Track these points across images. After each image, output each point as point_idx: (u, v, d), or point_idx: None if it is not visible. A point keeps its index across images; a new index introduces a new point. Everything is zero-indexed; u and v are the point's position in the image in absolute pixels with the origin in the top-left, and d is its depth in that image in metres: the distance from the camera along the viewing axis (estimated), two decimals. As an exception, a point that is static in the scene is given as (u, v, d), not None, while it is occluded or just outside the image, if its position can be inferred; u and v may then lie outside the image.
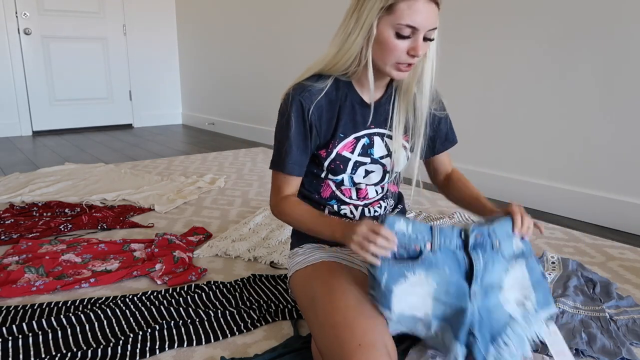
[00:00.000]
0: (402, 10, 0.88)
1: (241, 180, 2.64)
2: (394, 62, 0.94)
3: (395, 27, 0.90)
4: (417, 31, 0.90)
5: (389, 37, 0.91)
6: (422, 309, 0.87)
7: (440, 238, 0.87)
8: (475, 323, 0.83)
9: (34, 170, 2.87)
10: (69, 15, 4.40)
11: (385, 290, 0.86)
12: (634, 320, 1.14)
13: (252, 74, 3.94)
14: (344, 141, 1.03)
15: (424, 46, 0.92)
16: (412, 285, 0.86)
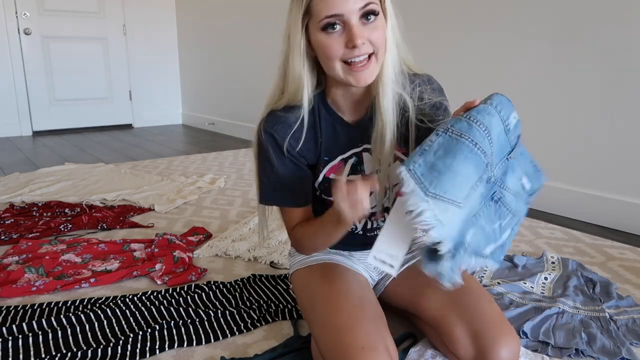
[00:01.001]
0: (316, 5, 0.81)
1: (241, 180, 2.64)
2: (341, 65, 0.83)
3: (319, 26, 0.81)
4: (344, 17, 0.80)
5: (320, 39, 0.82)
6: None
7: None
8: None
9: (34, 170, 2.87)
10: (69, 15, 4.40)
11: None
12: (634, 320, 1.14)
13: (253, 74, 3.94)
14: (330, 164, 0.96)
15: (363, 32, 0.81)
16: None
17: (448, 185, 0.78)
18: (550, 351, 1.03)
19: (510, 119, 0.84)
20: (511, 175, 0.87)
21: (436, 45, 2.43)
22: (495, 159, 0.84)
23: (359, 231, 1.04)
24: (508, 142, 0.85)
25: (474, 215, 0.83)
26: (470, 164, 0.79)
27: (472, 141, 0.78)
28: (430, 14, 2.44)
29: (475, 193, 0.81)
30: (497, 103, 0.83)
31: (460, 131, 0.79)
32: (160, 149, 3.67)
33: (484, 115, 0.80)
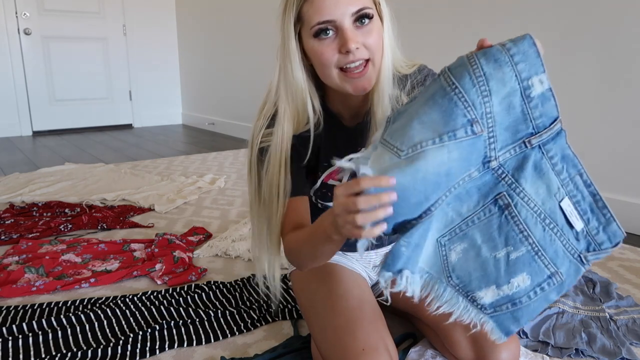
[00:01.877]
0: (307, 12, 0.77)
1: (241, 180, 2.64)
2: (337, 72, 0.80)
3: (312, 32, 0.78)
4: (336, 22, 0.76)
5: (313, 46, 0.79)
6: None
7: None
8: None
9: (34, 170, 2.87)
10: (69, 15, 4.40)
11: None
12: (634, 320, 1.14)
13: (253, 74, 3.94)
14: (329, 170, 0.94)
15: (357, 37, 0.77)
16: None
17: (398, 128, 0.60)
18: (550, 351, 1.03)
19: (533, 80, 0.60)
20: (534, 175, 0.63)
21: (434, 43, 2.43)
22: (498, 133, 0.61)
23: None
24: (527, 116, 0.62)
25: (464, 221, 0.63)
26: (435, 110, 0.59)
27: (451, 83, 0.59)
28: (428, 10, 2.44)
29: (448, 166, 0.59)
30: (516, 51, 0.60)
31: (448, 71, 0.61)
32: (160, 149, 3.67)
33: (487, 60, 0.59)
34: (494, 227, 0.62)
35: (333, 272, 0.99)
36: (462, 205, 0.63)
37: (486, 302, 0.63)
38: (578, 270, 0.64)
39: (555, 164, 0.63)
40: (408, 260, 0.61)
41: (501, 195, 0.62)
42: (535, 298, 0.63)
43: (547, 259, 0.63)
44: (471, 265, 0.63)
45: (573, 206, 0.63)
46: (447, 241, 0.64)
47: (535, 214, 0.62)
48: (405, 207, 0.59)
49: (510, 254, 0.62)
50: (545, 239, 0.62)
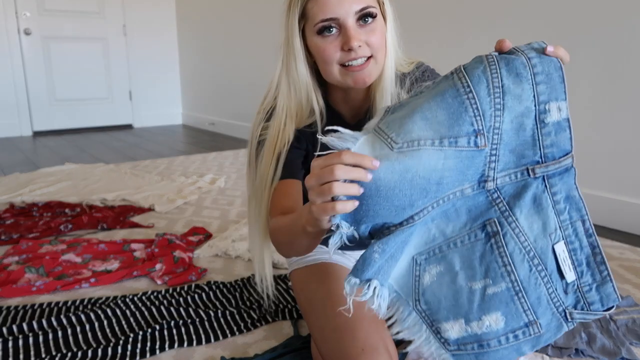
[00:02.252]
0: (311, 9, 0.79)
1: (241, 180, 2.64)
2: (339, 68, 0.81)
3: (315, 29, 0.79)
4: (340, 20, 0.78)
5: (316, 43, 0.80)
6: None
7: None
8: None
9: (34, 170, 2.87)
10: (69, 15, 4.40)
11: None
12: (634, 320, 1.14)
13: (253, 74, 3.94)
14: None
15: (360, 35, 0.78)
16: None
17: (397, 119, 0.56)
18: (550, 351, 1.03)
19: (551, 105, 0.56)
20: (531, 208, 0.57)
21: (434, 44, 2.43)
22: (502, 153, 0.56)
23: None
24: (537, 142, 0.57)
25: (446, 241, 0.58)
26: (443, 109, 0.55)
27: (466, 84, 0.55)
28: (429, 12, 2.44)
29: (441, 174, 0.54)
30: (540, 70, 0.55)
31: (464, 70, 0.56)
32: (160, 149, 3.67)
33: (509, 71, 0.55)
34: (477, 255, 0.57)
35: (333, 272, 0.99)
36: (448, 224, 0.58)
37: (451, 337, 0.58)
38: (560, 327, 0.58)
39: (557, 201, 0.57)
40: (379, 270, 0.56)
41: (491, 222, 0.57)
42: (506, 345, 0.57)
43: (528, 304, 0.56)
44: (443, 291, 0.57)
45: (568, 253, 0.57)
46: (423, 260, 0.59)
47: (524, 250, 0.56)
48: (386, 209, 0.55)
49: (488, 288, 0.56)
50: (529, 281, 0.56)
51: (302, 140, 0.91)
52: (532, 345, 0.58)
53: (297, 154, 0.90)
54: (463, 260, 0.57)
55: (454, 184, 0.56)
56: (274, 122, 0.88)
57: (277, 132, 0.87)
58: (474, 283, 0.57)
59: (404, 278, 0.59)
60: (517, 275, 0.56)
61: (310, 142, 0.92)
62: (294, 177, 0.88)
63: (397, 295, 0.59)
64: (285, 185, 0.87)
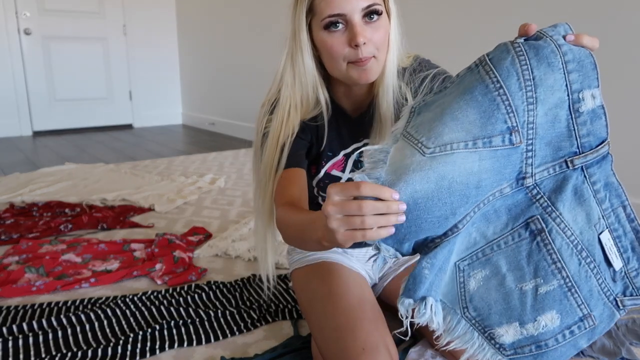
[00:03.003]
0: (319, 4, 0.81)
1: (241, 180, 2.64)
2: (345, 63, 0.83)
3: (322, 24, 0.81)
4: (347, 16, 0.80)
5: (323, 38, 0.82)
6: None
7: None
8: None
9: (34, 170, 2.87)
10: (69, 15, 4.40)
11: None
12: (634, 320, 1.14)
13: (253, 74, 3.94)
14: (333, 160, 0.96)
15: (366, 31, 0.80)
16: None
17: (425, 121, 0.53)
18: (550, 351, 1.03)
19: (584, 93, 0.54)
20: (573, 201, 0.55)
21: (436, 40, 2.43)
22: (538, 147, 0.54)
23: None
24: (573, 133, 0.55)
25: (489, 245, 0.56)
26: (473, 108, 0.52)
27: (495, 80, 0.52)
28: (432, 8, 2.44)
29: (479, 177, 0.52)
30: (571, 58, 0.53)
31: (490, 62, 0.53)
32: (160, 149, 3.67)
33: (539, 61, 0.52)
34: (523, 255, 0.55)
35: (333, 271, 0.99)
36: (489, 226, 0.56)
37: (506, 342, 0.56)
38: (612, 316, 0.57)
39: (597, 190, 0.56)
40: (431, 286, 0.54)
41: (534, 219, 0.55)
42: (564, 342, 0.55)
43: (581, 298, 0.55)
44: (492, 296, 0.55)
45: (613, 241, 0.56)
46: (466, 266, 0.57)
47: (572, 244, 0.54)
48: (428, 221, 0.52)
49: (540, 288, 0.54)
50: (580, 275, 0.55)
51: (307, 131, 0.92)
52: (588, 338, 0.57)
53: (301, 144, 0.92)
54: (509, 261, 0.55)
55: (493, 185, 0.54)
56: (278, 113, 0.90)
57: (280, 123, 0.89)
58: (524, 284, 0.55)
59: (447, 286, 0.57)
60: (568, 271, 0.54)
61: (314, 134, 0.93)
62: (299, 165, 0.89)
63: (443, 304, 0.57)
64: (290, 173, 0.88)
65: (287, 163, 0.89)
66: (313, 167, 0.98)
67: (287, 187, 0.86)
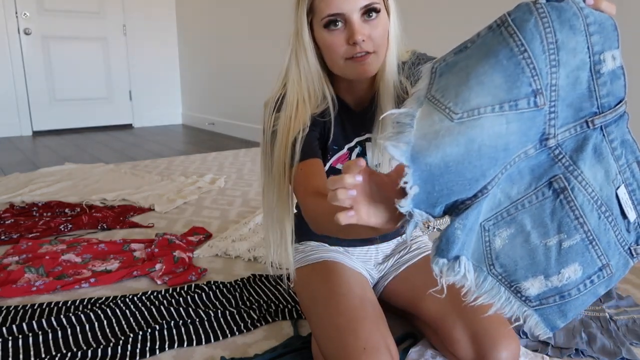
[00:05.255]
0: (318, 4, 0.83)
1: (241, 180, 2.64)
2: (344, 60, 0.85)
3: (322, 23, 0.84)
4: (346, 16, 0.82)
5: (323, 37, 0.85)
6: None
7: None
8: None
9: (34, 170, 2.87)
10: (69, 15, 4.40)
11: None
12: (634, 320, 1.14)
13: (253, 74, 3.94)
14: (338, 154, 0.99)
15: (364, 29, 0.82)
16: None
17: (450, 85, 0.54)
18: (550, 351, 1.03)
19: (605, 55, 0.55)
20: (593, 159, 0.57)
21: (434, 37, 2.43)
22: (560, 109, 0.55)
23: None
24: (594, 93, 0.56)
25: (513, 204, 0.57)
26: (499, 72, 0.52)
27: (520, 44, 0.52)
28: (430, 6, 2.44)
29: (507, 139, 0.53)
30: (593, 20, 0.54)
31: (513, 24, 0.53)
32: (160, 149, 3.67)
33: (562, 24, 0.53)
34: (547, 212, 0.57)
35: (334, 270, 0.99)
36: (513, 186, 0.57)
37: (532, 294, 0.58)
38: (627, 264, 0.60)
39: (614, 148, 0.58)
40: (463, 246, 0.56)
41: (557, 178, 0.56)
42: (585, 291, 0.59)
43: (601, 250, 0.58)
44: (518, 253, 0.57)
45: (628, 195, 0.59)
46: (491, 225, 0.58)
47: (592, 200, 0.57)
48: (459, 184, 0.53)
49: (563, 242, 0.57)
50: (599, 228, 0.57)
51: (317, 124, 0.94)
52: (605, 286, 0.60)
53: (313, 136, 0.93)
54: (533, 219, 0.57)
55: (518, 147, 0.55)
56: (286, 109, 0.91)
57: (289, 119, 0.90)
58: (549, 239, 0.57)
59: (474, 245, 0.58)
60: (590, 226, 0.57)
61: (322, 128, 0.95)
62: (316, 156, 0.91)
63: (469, 262, 0.59)
64: (309, 165, 0.88)
65: (304, 155, 0.89)
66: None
67: (310, 178, 0.86)
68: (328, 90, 0.93)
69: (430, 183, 0.53)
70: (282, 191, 0.93)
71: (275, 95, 0.95)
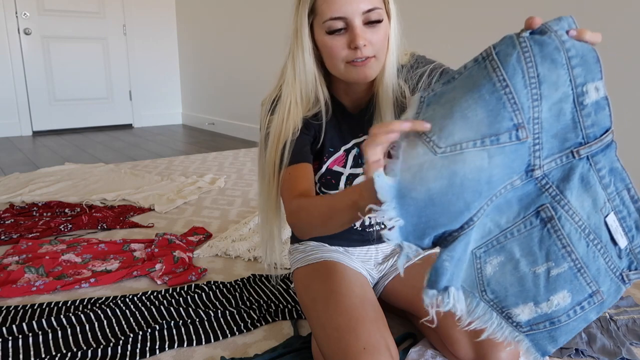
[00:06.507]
0: (321, 6, 0.82)
1: (241, 180, 2.64)
2: (345, 63, 0.85)
3: (324, 26, 0.83)
4: (348, 20, 0.81)
5: (324, 40, 0.84)
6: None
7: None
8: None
9: (34, 170, 2.87)
10: (69, 15, 4.40)
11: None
12: (634, 320, 1.14)
13: (253, 74, 3.94)
14: (334, 155, 0.99)
15: (365, 34, 0.82)
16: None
17: (436, 117, 0.56)
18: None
19: (588, 87, 0.56)
20: (580, 188, 0.58)
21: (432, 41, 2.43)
22: (544, 140, 0.57)
23: (358, 227, 1.05)
24: (578, 124, 0.57)
25: (503, 233, 0.59)
26: (481, 107, 0.54)
27: (501, 78, 0.54)
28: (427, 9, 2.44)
29: (489, 172, 0.54)
30: (574, 54, 0.55)
31: (497, 57, 0.55)
32: (160, 149, 3.67)
33: (543, 58, 0.54)
34: (535, 241, 0.59)
35: (335, 270, 0.99)
36: (502, 216, 0.59)
37: (522, 320, 0.60)
38: (619, 290, 0.61)
39: (602, 176, 0.59)
40: (452, 277, 0.58)
41: (544, 208, 0.58)
42: (575, 317, 0.60)
43: (590, 277, 0.59)
44: (508, 279, 0.59)
45: (618, 222, 0.60)
46: (482, 253, 0.61)
47: (580, 228, 0.58)
48: (445, 216, 0.56)
49: (551, 270, 0.58)
50: (588, 256, 0.59)
51: (310, 127, 0.94)
52: (597, 311, 0.61)
53: (305, 139, 0.93)
54: (522, 247, 0.59)
55: (504, 179, 0.57)
56: (279, 111, 0.92)
57: (281, 122, 0.91)
58: (537, 267, 0.58)
59: (466, 272, 0.60)
60: (577, 254, 0.58)
61: (316, 130, 0.96)
62: (305, 161, 0.92)
63: (462, 289, 0.61)
64: (298, 169, 0.90)
65: (294, 159, 0.90)
66: (315, 163, 1.00)
67: (296, 183, 0.88)
68: (322, 92, 0.93)
69: (416, 216, 0.55)
70: (271, 193, 0.94)
71: (271, 95, 0.95)
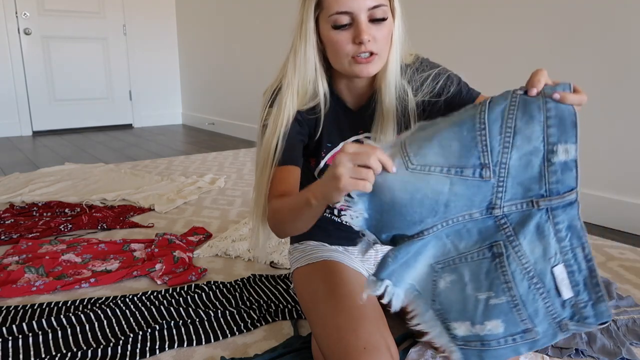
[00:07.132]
0: (327, 0, 0.84)
1: (241, 180, 2.64)
2: (348, 58, 0.85)
3: (329, 20, 0.84)
4: (354, 15, 0.83)
5: (329, 34, 0.85)
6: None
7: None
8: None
9: (34, 170, 2.87)
10: (69, 15, 4.40)
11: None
12: (634, 320, 1.14)
13: (253, 74, 3.94)
14: (333, 151, 0.98)
15: (370, 30, 0.83)
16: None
17: (419, 138, 0.64)
18: (550, 351, 1.03)
19: (559, 147, 0.61)
20: (534, 235, 0.63)
21: (433, 42, 2.43)
22: (509, 185, 0.63)
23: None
24: (543, 178, 0.63)
25: (459, 256, 0.66)
26: (457, 140, 0.62)
27: (483, 121, 0.62)
28: (429, 9, 2.44)
29: (448, 197, 0.62)
30: (554, 114, 0.61)
31: (488, 105, 0.62)
32: (160, 149, 3.67)
33: (524, 113, 0.61)
34: (483, 270, 0.64)
35: (335, 270, 0.99)
36: (461, 241, 0.66)
37: (458, 334, 0.66)
38: (555, 335, 0.65)
39: (559, 230, 0.63)
40: (392, 273, 0.65)
41: (497, 244, 0.64)
42: (505, 345, 0.65)
43: (525, 314, 0.64)
44: (454, 297, 0.65)
45: (566, 275, 0.64)
46: (440, 268, 0.67)
47: (525, 270, 0.63)
48: (400, 222, 0.65)
49: (491, 299, 0.64)
50: (528, 296, 0.63)
51: (304, 125, 0.94)
52: (528, 347, 0.65)
53: (297, 140, 0.93)
54: (472, 273, 0.65)
55: (463, 208, 0.64)
56: (276, 104, 0.92)
57: (279, 114, 0.91)
58: (480, 294, 0.64)
59: (424, 281, 0.68)
60: (517, 291, 0.63)
61: (312, 127, 0.96)
62: (293, 163, 0.92)
63: (418, 294, 0.68)
64: (284, 171, 0.91)
65: (283, 160, 0.91)
66: (312, 159, 1.00)
67: (279, 184, 0.90)
68: (322, 86, 0.93)
69: (379, 214, 0.65)
70: (261, 187, 0.94)
71: (272, 85, 0.95)
